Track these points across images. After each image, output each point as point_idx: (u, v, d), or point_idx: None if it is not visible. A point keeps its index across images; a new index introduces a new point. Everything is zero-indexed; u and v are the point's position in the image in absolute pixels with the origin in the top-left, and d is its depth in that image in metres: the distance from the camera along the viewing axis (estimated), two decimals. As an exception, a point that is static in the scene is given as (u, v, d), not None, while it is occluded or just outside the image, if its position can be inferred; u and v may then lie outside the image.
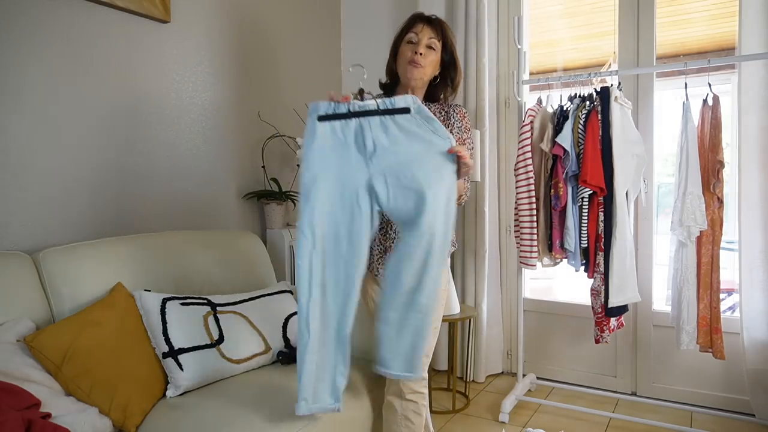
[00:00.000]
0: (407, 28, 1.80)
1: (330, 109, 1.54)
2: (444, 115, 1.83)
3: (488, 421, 2.56)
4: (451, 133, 1.72)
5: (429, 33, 1.77)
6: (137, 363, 1.63)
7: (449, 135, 1.56)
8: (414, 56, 1.74)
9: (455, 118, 1.82)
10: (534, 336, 3.04)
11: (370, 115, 1.54)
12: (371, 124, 1.54)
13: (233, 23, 2.66)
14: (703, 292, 2.29)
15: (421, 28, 1.77)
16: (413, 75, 1.76)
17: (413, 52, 1.75)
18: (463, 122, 1.83)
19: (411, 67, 1.75)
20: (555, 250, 2.46)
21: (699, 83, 2.29)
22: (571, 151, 2.33)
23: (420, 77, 1.77)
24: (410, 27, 1.80)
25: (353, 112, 1.54)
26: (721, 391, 2.61)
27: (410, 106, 1.55)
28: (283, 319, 2.01)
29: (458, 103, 1.88)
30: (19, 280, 1.63)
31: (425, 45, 1.76)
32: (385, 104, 1.54)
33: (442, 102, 1.88)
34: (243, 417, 1.50)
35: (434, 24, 1.79)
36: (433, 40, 1.77)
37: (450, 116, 1.82)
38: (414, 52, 1.74)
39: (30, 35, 1.86)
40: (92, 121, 2.05)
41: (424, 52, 1.75)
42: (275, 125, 2.82)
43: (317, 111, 1.54)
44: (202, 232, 2.27)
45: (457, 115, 1.83)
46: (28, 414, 1.26)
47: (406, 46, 1.78)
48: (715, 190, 2.25)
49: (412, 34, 1.77)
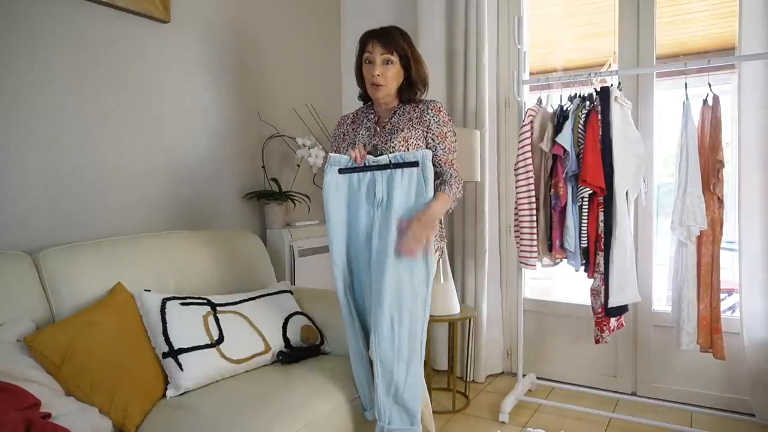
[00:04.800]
0: (362, 48, 1.87)
1: (349, 164, 1.77)
2: (418, 113, 1.87)
3: (488, 421, 2.56)
4: (428, 130, 1.84)
5: (380, 49, 1.82)
6: (137, 363, 1.63)
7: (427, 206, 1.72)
8: (374, 79, 1.82)
9: (430, 114, 1.86)
10: (534, 336, 3.04)
11: (383, 168, 1.75)
12: (382, 177, 1.75)
13: (233, 23, 2.66)
14: (703, 292, 2.29)
15: (373, 46, 1.82)
16: (379, 95, 1.86)
17: (372, 74, 1.82)
18: (439, 116, 1.87)
19: (374, 89, 1.84)
20: (555, 250, 2.46)
21: (699, 83, 2.28)
22: (571, 151, 2.33)
23: (386, 94, 1.86)
24: (364, 47, 1.86)
25: (368, 167, 1.76)
26: (721, 391, 2.60)
27: (419, 161, 1.73)
28: (283, 319, 2.01)
29: (433, 99, 1.91)
30: (19, 280, 1.63)
31: (381, 63, 1.82)
32: (396, 159, 1.74)
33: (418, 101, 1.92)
34: (243, 417, 1.50)
35: (384, 37, 1.83)
36: (386, 55, 1.82)
37: (424, 113, 1.86)
38: (372, 74, 1.82)
39: (29, 35, 1.86)
40: (91, 120, 2.05)
41: (382, 71, 1.82)
42: (275, 125, 2.82)
43: (338, 164, 1.78)
44: (202, 232, 2.28)
45: (432, 111, 1.87)
46: (28, 414, 1.26)
47: (366, 67, 1.86)
48: (715, 190, 2.25)
49: (367, 54, 1.84)
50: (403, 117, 1.88)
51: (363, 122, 1.95)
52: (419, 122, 1.85)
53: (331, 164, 1.78)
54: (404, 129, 1.84)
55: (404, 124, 1.86)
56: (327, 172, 1.78)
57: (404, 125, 1.85)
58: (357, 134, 1.93)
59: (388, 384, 1.70)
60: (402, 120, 1.87)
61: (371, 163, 1.76)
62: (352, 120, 2.00)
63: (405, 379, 1.70)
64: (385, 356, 1.70)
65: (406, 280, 1.70)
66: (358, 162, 1.75)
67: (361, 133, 1.92)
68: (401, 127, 1.85)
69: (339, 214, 1.78)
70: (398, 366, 1.70)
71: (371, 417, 1.78)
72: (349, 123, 2.00)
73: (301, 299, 2.21)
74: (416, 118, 1.86)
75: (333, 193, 1.77)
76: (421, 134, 1.84)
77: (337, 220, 1.78)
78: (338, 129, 2.02)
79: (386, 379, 1.70)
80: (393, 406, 1.71)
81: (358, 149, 1.77)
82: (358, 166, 1.76)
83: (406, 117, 1.87)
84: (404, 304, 1.70)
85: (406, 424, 1.71)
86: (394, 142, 1.81)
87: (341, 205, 1.78)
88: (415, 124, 1.85)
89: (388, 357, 1.70)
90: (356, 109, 2.05)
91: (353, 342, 1.82)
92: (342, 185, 1.78)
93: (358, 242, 1.79)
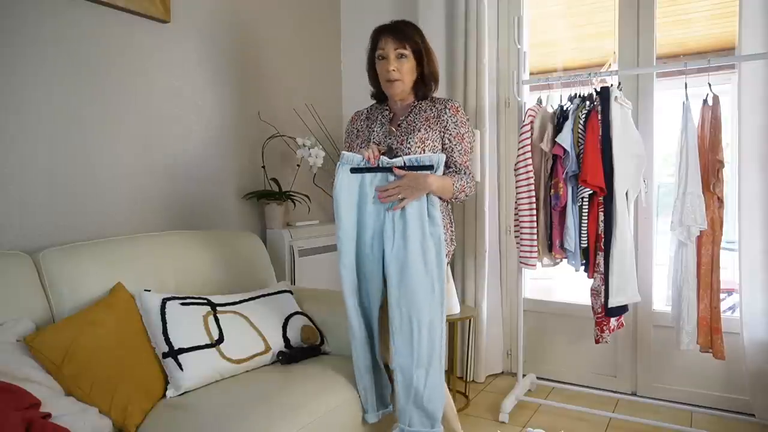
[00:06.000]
0: (374, 44, 1.85)
1: (362, 163, 1.74)
2: (436, 113, 1.84)
3: (488, 421, 2.56)
4: (446, 131, 1.82)
5: (393, 44, 1.79)
6: (137, 363, 1.63)
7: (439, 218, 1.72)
8: (389, 74, 1.79)
9: (447, 115, 1.83)
10: (534, 336, 3.04)
11: None
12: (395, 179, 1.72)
13: (233, 23, 2.66)
14: (703, 292, 2.29)
15: (385, 41, 1.80)
16: (395, 91, 1.83)
17: (386, 70, 1.79)
18: (457, 117, 1.84)
19: (389, 85, 1.81)
20: (555, 250, 2.46)
21: (699, 83, 2.28)
22: (571, 151, 2.33)
23: (402, 90, 1.83)
24: (376, 43, 1.84)
25: (381, 168, 1.74)
26: (721, 391, 2.60)
27: (434, 165, 1.71)
28: (283, 319, 2.01)
29: (451, 98, 1.90)
30: (19, 280, 1.63)
31: (395, 58, 1.79)
32: (411, 162, 1.72)
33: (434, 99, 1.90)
34: (243, 417, 1.50)
35: (396, 32, 1.81)
36: (399, 50, 1.79)
37: (442, 114, 1.84)
38: (387, 69, 1.79)
39: (29, 35, 1.86)
40: (91, 120, 2.05)
41: (397, 66, 1.79)
42: (275, 125, 2.82)
43: (350, 163, 1.75)
44: (202, 232, 2.27)
45: (450, 111, 1.84)
46: (28, 414, 1.26)
47: (379, 63, 1.83)
48: (715, 190, 2.25)
49: (380, 50, 1.82)
50: (420, 116, 1.84)
51: (377, 119, 1.91)
52: (437, 122, 1.82)
53: (344, 163, 1.75)
54: (421, 129, 1.81)
55: (421, 123, 1.82)
56: (339, 171, 1.74)
57: (421, 125, 1.82)
58: (371, 131, 1.89)
59: (407, 389, 1.70)
60: (419, 119, 1.84)
61: (385, 164, 1.73)
62: (366, 116, 1.97)
63: (425, 384, 1.70)
64: (405, 363, 1.70)
65: (423, 285, 1.68)
66: (371, 162, 1.72)
67: (376, 130, 1.88)
68: (418, 127, 1.82)
69: (349, 215, 1.75)
70: (417, 372, 1.69)
71: (372, 420, 1.78)
72: (363, 119, 1.97)
73: (301, 299, 2.21)
74: (433, 118, 1.83)
75: (344, 193, 1.74)
76: (438, 135, 1.82)
77: (347, 221, 1.74)
78: (352, 125, 1.98)
79: (406, 384, 1.70)
80: (414, 411, 1.71)
81: (371, 149, 1.74)
82: (371, 166, 1.73)
83: (423, 116, 1.84)
84: (423, 310, 1.68)
85: (427, 426, 1.71)
86: (411, 143, 1.78)
87: (352, 205, 1.75)
88: (432, 125, 1.82)
89: (407, 363, 1.69)
90: (369, 105, 2.02)
91: (359, 345, 1.79)
92: (353, 185, 1.75)
93: (366, 244, 1.76)
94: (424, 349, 1.69)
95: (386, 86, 1.82)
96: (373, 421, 1.78)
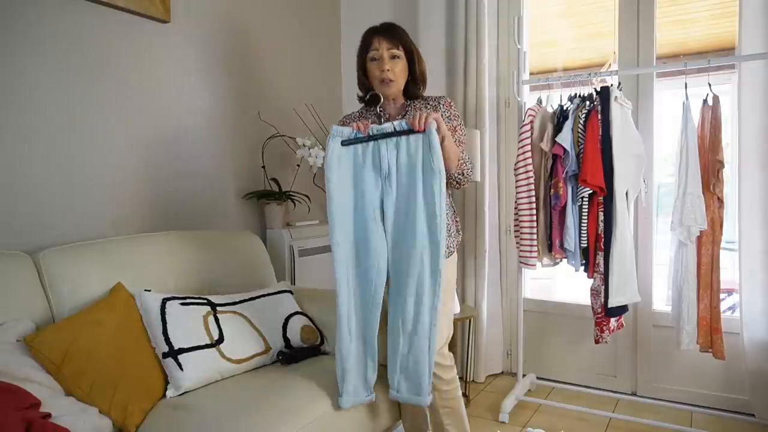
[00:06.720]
0: (366, 46, 1.86)
1: (352, 135, 1.71)
2: (431, 109, 1.88)
3: (488, 421, 2.56)
4: None
5: (386, 44, 1.82)
6: (137, 363, 1.63)
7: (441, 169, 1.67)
8: (383, 74, 1.81)
9: (442, 110, 1.89)
10: (534, 336, 3.04)
11: (387, 137, 1.70)
12: (387, 146, 1.70)
13: (234, 23, 2.66)
14: (703, 292, 2.29)
15: (379, 42, 1.82)
16: (390, 91, 1.86)
17: (380, 70, 1.81)
18: (450, 111, 1.90)
19: (383, 85, 1.84)
20: (555, 250, 2.46)
21: (699, 83, 2.28)
22: (571, 151, 2.33)
23: (396, 89, 1.86)
24: (369, 44, 1.85)
25: (372, 136, 1.70)
26: (721, 391, 2.61)
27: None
28: (283, 319, 2.01)
29: (443, 95, 1.93)
30: (19, 280, 1.63)
31: (389, 58, 1.82)
32: (401, 126, 1.69)
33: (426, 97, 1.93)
34: (243, 417, 1.50)
35: (388, 33, 1.84)
36: (392, 50, 1.82)
37: (437, 109, 1.89)
38: (381, 70, 1.81)
39: (28, 35, 1.86)
40: (92, 120, 2.05)
41: (391, 66, 1.82)
42: (275, 125, 2.82)
43: (341, 136, 1.71)
44: (202, 232, 2.28)
45: (444, 106, 1.90)
46: (28, 414, 1.26)
47: (372, 64, 1.85)
48: (715, 190, 2.25)
49: (373, 51, 1.84)
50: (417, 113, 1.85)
51: (371, 119, 1.92)
52: None
53: (334, 136, 1.70)
54: None
55: None
56: (329, 145, 1.70)
57: None
58: None
59: (394, 353, 1.75)
60: None
61: (375, 132, 1.70)
62: (358, 118, 1.98)
63: (408, 350, 1.73)
64: (393, 325, 1.75)
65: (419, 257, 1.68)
66: (362, 131, 1.70)
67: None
68: None
69: (343, 192, 1.71)
70: (402, 338, 1.73)
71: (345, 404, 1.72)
72: (356, 118, 1.97)
73: (301, 299, 2.21)
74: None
75: (335, 168, 1.70)
76: None
77: (339, 198, 1.71)
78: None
79: (393, 347, 1.75)
80: (400, 376, 1.76)
81: (361, 121, 1.77)
82: (362, 136, 1.70)
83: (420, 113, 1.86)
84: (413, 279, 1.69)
85: (412, 393, 1.75)
86: None
87: (346, 183, 1.72)
88: None
89: (394, 327, 1.74)
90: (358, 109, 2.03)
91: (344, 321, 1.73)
92: (346, 161, 1.72)
93: (367, 213, 1.72)
94: (410, 316, 1.71)
95: (380, 87, 1.85)
96: (345, 406, 1.71)
